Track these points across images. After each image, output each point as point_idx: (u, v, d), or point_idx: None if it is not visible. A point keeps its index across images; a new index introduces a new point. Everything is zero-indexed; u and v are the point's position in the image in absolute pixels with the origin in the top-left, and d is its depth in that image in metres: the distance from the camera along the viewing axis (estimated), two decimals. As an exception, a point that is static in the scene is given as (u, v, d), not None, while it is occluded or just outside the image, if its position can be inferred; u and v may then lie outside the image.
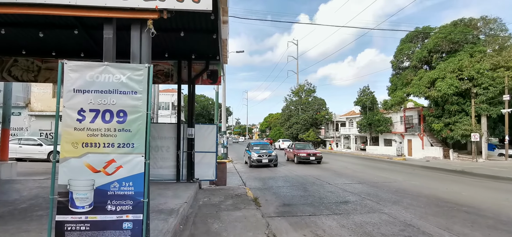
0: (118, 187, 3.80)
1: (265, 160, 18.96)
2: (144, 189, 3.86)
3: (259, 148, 20.68)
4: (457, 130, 27.46)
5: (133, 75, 3.92)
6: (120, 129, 3.84)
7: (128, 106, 3.88)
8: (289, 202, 8.96)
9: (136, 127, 3.89)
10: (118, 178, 3.80)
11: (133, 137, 3.87)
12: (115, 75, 3.88)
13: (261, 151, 19.82)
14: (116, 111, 3.85)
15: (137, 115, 3.90)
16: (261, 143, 23.61)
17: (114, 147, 3.82)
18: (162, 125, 11.16)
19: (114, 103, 3.86)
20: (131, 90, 3.91)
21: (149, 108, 3.96)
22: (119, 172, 3.81)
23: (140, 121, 3.90)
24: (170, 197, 7.79)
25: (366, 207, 8.12)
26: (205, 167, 10.55)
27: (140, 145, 3.89)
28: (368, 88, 43.26)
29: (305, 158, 21.18)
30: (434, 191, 10.73)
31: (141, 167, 3.87)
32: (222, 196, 9.08)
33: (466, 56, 27.78)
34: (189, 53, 9.61)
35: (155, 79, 10.61)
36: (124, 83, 3.90)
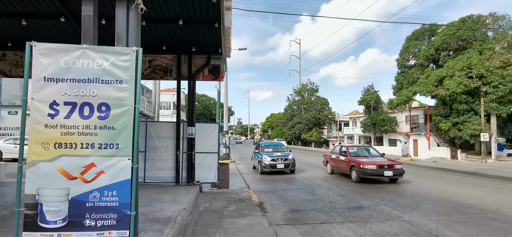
0: (99, 197, 3.10)
1: (280, 165, 14.99)
2: (131, 199, 3.15)
3: (272, 150, 16.52)
4: (465, 130, 26.66)
5: (118, 60, 3.22)
6: (101, 127, 3.15)
7: (111, 98, 3.18)
8: (297, 207, 8.24)
9: (122, 124, 3.19)
10: (99, 186, 3.10)
11: (118, 136, 3.17)
12: (96, 61, 3.19)
13: (275, 153, 15.82)
14: (97, 105, 3.16)
15: (123, 109, 3.20)
16: (274, 143, 18.90)
17: (94, 148, 3.12)
18: (160, 124, 10.47)
19: (94, 94, 3.16)
20: (116, 78, 3.21)
21: (138, 100, 3.26)
22: (101, 179, 3.11)
23: (126, 116, 3.20)
24: (168, 202, 7.09)
25: (382, 214, 7.39)
26: (206, 169, 9.85)
27: (127, 145, 3.19)
28: (372, 87, 42.46)
29: (375, 173, 11.75)
30: (452, 195, 9.98)
31: (128, 172, 3.17)
32: (224, 201, 8.37)
33: (475, 54, 26.97)
34: (189, 46, 8.91)
35: (153, 75, 9.92)
36: (107, 70, 3.20)
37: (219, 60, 9.87)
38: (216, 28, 6.85)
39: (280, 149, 16.93)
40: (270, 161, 14.99)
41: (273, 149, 16.66)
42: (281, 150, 16.63)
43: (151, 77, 9.92)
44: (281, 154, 15.67)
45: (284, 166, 15.07)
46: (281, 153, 15.85)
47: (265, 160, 15.14)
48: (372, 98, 41.19)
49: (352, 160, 12.95)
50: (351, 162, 12.91)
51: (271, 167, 14.87)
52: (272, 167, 14.87)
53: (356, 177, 12.23)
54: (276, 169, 14.87)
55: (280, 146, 17.51)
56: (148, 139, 9.78)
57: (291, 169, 15.34)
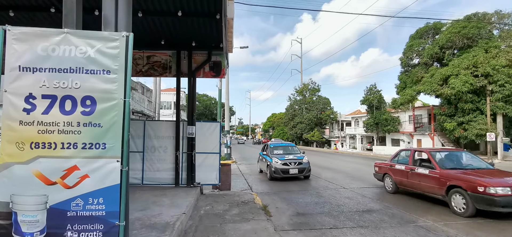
0: (82, 205, 2.68)
1: (293, 170, 12.80)
2: (120, 207, 2.72)
3: (282, 152, 14.36)
4: (471, 129, 26.17)
5: (105, 47, 2.80)
6: (86, 123, 2.72)
7: (97, 90, 2.76)
8: (303, 210, 7.80)
9: (109, 121, 2.76)
10: (82, 193, 2.68)
11: (105, 135, 2.75)
12: (80, 48, 2.76)
13: (287, 156, 13.58)
14: (80, 98, 2.74)
15: (111, 104, 2.77)
16: (284, 144, 16.33)
17: (77, 148, 2.69)
18: (159, 123, 10.05)
19: (77, 86, 2.74)
20: (102, 68, 2.79)
21: (128, 93, 2.83)
22: (85, 184, 2.69)
23: (114, 112, 2.77)
24: (166, 206, 6.66)
25: (395, 218, 6.95)
26: (207, 169, 9.42)
27: (115, 145, 2.76)
28: (375, 86, 41.99)
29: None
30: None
31: (116, 176, 2.74)
32: (226, 204, 7.94)
33: (481, 52, 26.47)
34: (189, 41, 8.48)
35: (152, 72, 9.50)
36: (92, 58, 2.77)
37: (220, 56, 9.45)
38: (217, 20, 6.43)
39: (292, 150, 14.80)
40: (281, 165, 12.80)
41: (284, 151, 14.49)
42: (293, 152, 14.49)
43: (150, 74, 9.49)
44: (294, 157, 13.47)
45: (298, 171, 12.91)
46: (294, 156, 13.62)
47: (276, 163, 12.93)
48: (375, 97, 40.72)
49: (452, 177, 7.60)
50: (452, 179, 7.54)
51: (282, 172, 12.69)
52: (284, 172, 12.70)
53: (465, 207, 7.03)
54: (289, 174, 12.75)
55: (291, 147, 15.29)
56: (147, 138, 9.37)
57: (306, 175, 13.24)
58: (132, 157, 9.25)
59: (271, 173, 12.98)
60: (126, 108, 2.79)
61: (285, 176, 12.73)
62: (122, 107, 2.78)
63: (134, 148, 9.29)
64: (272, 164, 13.03)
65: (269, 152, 14.14)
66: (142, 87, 42.45)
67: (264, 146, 15.73)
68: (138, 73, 9.49)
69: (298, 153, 14.36)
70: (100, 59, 2.76)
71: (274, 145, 15.27)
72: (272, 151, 14.26)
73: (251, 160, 24.44)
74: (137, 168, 9.25)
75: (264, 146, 15.85)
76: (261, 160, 15.45)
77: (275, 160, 13.06)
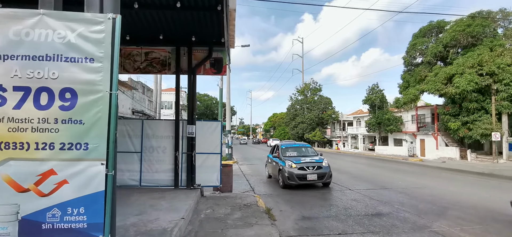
0: (60, 216, 2.28)
1: (312, 175, 10.72)
2: (105, 219, 2.33)
3: (297, 154, 12.23)
4: (476, 129, 25.69)
5: (88, 31, 2.40)
6: (65, 120, 2.33)
7: (79, 81, 2.37)
8: (308, 214, 7.40)
9: (93, 117, 2.36)
10: (60, 202, 2.29)
11: (88, 133, 2.35)
12: (58, 32, 2.37)
13: (303, 159, 11.41)
14: (58, 90, 2.34)
15: (94, 97, 2.38)
16: (298, 144, 13.81)
17: (54, 149, 2.30)
18: (158, 122, 9.66)
19: (55, 77, 2.34)
20: (85, 56, 2.39)
21: (115, 85, 2.43)
22: (63, 191, 2.29)
23: (99, 106, 2.38)
24: (164, 210, 6.26)
25: (407, 223, 6.54)
26: (207, 171, 9.01)
27: (99, 146, 2.36)
28: (377, 85, 41.52)
29: None
30: (478, 199, 9.12)
31: (100, 182, 2.34)
32: (228, 207, 7.53)
33: (486, 50, 26.00)
34: (189, 36, 8.08)
35: (150, 69, 9.11)
36: (73, 44, 2.38)
37: (222, 52, 9.06)
38: (218, 11, 6.03)
39: (308, 152, 12.70)
40: (297, 170, 10.75)
41: (299, 153, 12.40)
42: (309, 154, 12.35)
43: (148, 71, 9.10)
44: (311, 160, 11.31)
45: (317, 177, 10.78)
46: (311, 159, 11.47)
47: (290, 168, 10.86)
48: (377, 97, 40.26)
49: None
50: None
51: (299, 178, 10.60)
52: (301, 178, 10.62)
53: None
54: (307, 181, 10.70)
55: (306, 148, 13.12)
56: (145, 138, 8.97)
57: (326, 181, 11.08)
58: (130, 157, 8.87)
59: (284, 179, 10.87)
60: (113, 102, 2.40)
61: (301, 183, 10.69)
62: (108, 101, 2.38)
63: (132, 148, 8.91)
64: (285, 169, 10.95)
65: (281, 154, 11.99)
66: (143, 86, 42.09)
67: (274, 148, 13.60)
68: (136, 70, 9.11)
69: (315, 155, 12.24)
70: (82, 45, 2.37)
71: (287, 146, 13.06)
72: (284, 153, 12.13)
73: (253, 160, 24.08)
74: (135, 169, 8.87)
75: (273, 148, 13.75)
76: (270, 163, 13.38)
77: (289, 164, 11.00)
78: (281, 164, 11.37)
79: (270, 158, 13.38)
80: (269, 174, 13.66)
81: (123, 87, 29.34)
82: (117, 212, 5.98)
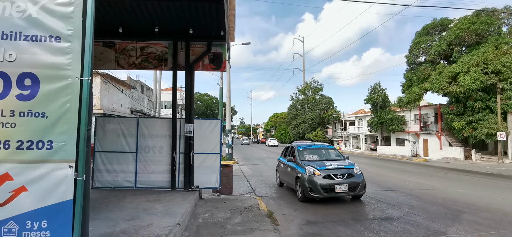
0: (17, 231, 1.84)
1: (342, 186, 8.15)
2: (73, 234, 1.88)
3: (318, 157, 9.72)
4: (481, 128, 25.21)
5: (53, 3, 1.97)
6: (23, 112, 1.89)
7: (42, 65, 1.93)
8: (313, 218, 6.95)
9: (59, 109, 1.92)
10: (17, 213, 1.85)
11: (52, 129, 1.91)
12: (16, 4, 1.94)
13: (328, 163, 8.84)
14: (16, 76, 1.91)
15: (61, 84, 1.94)
16: (318, 145, 10.80)
17: (9, 148, 1.87)
18: (154, 121, 9.22)
19: (12, 59, 1.92)
20: (49, 33, 1.95)
21: (88, 70, 1.99)
22: (20, 200, 1.85)
23: (66, 96, 1.94)
24: (159, 214, 5.82)
25: (420, 228, 6.08)
26: (206, 171, 8.56)
27: (67, 144, 1.92)
28: (379, 85, 41.05)
29: None
30: (491, 201, 8.66)
31: (68, 189, 1.90)
32: (228, 210, 7.08)
33: (491, 48, 25.51)
34: (186, 29, 7.62)
35: (146, 64, 8.67)
36: (35, 19, 1.94)
37: (221, 47, 8.61)
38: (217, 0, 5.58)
39: (331, 155, 10.05)
40: (322, 179, 8.12)
41: (320, 156, 9.80)
42: (334, 157, 9.83)
43: (143, 66, 8.65)
44: (338, 166, 8.67)
45: (349, 189, 8.12)
46: (338, 164, 8.82)
47: (312, 175, 8.23)
48: (379, 96, 39.78)
49: None
50: None
51: (324, 190, 7.99)
52: (327, 190, 8.02)
53: None
54: (335, 193, 8.08)
55: (328, 150, 10.40)
56: (140, 137, 8.53)
57: (359, 194, 8.44)
58: (124, 158, 8.44)
59: (305, 190, 8.26)
60: (85, 91, 1.95)
61: (328, 196, 8.12)
62: (78, 90, 1.94)
63: (127, 148, 8.48)
64: (305, 177, 8.35)
65: (299, 158, 9.46)
66: (142, 85, 41.68)
67: (287, 150, 10.96)
68: (131, 66, 8.67)
69: (341, 158, 9.74)
70: (46, 21, 1.93)
71: (305, 147, 10.26)
72: (302, 156, 9.57)
73: (253, 161, 23.65)
74: (130, 170, 8.43)
75: (287, 149, 11.08)
76: (282, 168, 10.81)
77: (311, 170, 8.36)
78: (299, 171, 8.78)
79: (283, 162, 10.68)
80: (281, 181, 11.17)
81: (122, 86, 28.92)
82: (107, 216, 5.56)
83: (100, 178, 8.41)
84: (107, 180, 8.41)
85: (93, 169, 8.40)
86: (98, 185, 8.36)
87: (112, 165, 8.44)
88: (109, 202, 6.66)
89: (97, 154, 8.45)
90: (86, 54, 1.96)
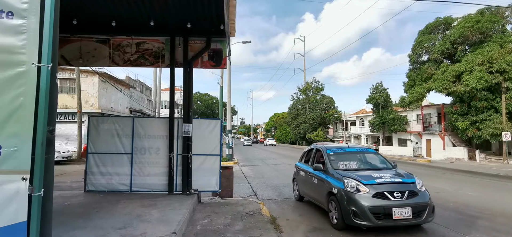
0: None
1: (402, 210, 5.44)
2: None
3: (356, 164, 7.11)
4: (485, 129, 24.77)
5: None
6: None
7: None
8: (319, 224, 6.52)
9: (10, 104, 1.49)
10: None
11: (0, 130, 1.46)
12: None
13: (378, 176, 6.08)
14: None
15: (12, 73, 1.51)
16: (354, 149, 7.87)
17: None
18: (150, 121, 8.81)
19: None
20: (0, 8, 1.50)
21: (48, 55, 1.55)
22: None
23: (19, 87, 1.51)
24: (154, 221, 5.38)
25: (434, 234, 5.65)
26: (206, 174, 8.12)
27: (19, 150, 1.49)
28: (381, 84, 40.57)
29: None
30: (505, 206, 8.22)
31: (20, 208, 1.46)
32: (228, 216, 6.65)
33: (496, 47, 25.06)
34: (184, 23, 7.20)
35: (142, 61, 8.24)
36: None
37: (221, 43, 8.18)
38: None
39: (375, 162, 7.38)
40: (372, 198, 5.61)
41: (359, 163, 7.21)
42: (381, 166, 7.15)
43: (139, 63, 8.22)
44: (392, 178, 6.05)
45: (412, 213, 5.49)
46: (392, 176, 6.16)
47: (356, 192, 5.75)
48: (381, 96, 39.33)
49: None
50: None
51: (376, 215, 5.47)
52: (380, 215, 5.49)
53: None
54: (393, 220, 5.43)
55: (369, 155, 7.76)
56: (136, 138, 8.10)
57: (427, 220, 5.71)
58: (119, 160, 8.00)
59: (345, 215, 5.73)
60: (44, 81, 1.52)
61: (382, 225, 5.51)
62: (35, 79, 1.51)
63: (121, 149, 8.05)
64: (345, 194, 5.82)
65: (330, 165, 6.81)
66: (142, 85, 41.26)
67: (310, 153, 8.33)
68: (126, 62, 8.24)
69: (390, 168, 6.97)
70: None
71: (337, 151, 7.45)
72: (334, 163, 6.92)
73: (254, 161, 23.21)
74: (125, 172, 8.00)
75: (309, 153, 8.48)
76: (304, 178, 8.10)
77: (353, 184, 5.85)
78: (335, 185, 6.17)
79: (305, 170, 8.09)
80: (300, 195, 8.51)
81: (120, 85, 28.49)
82: (96, 225, 5.10)
83: (93, 181, 7.97)
84: (101, 183, 7.98)
85: (86, 172, 7.99)
86: (91, 189, 7.93)
87: (106, 167, 8.00)
88: (101, 208, 6.22)
89: (90, 155, 8.02)
90: (46, 34, 1.54)
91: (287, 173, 15.44)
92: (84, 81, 22.69)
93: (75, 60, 8.10)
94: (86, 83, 22.94)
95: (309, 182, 7.72)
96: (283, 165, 19.74)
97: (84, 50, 8.02)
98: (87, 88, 23.09)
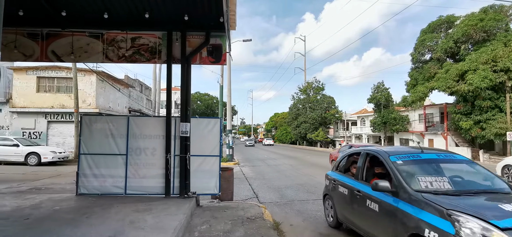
0: None
1: None
2: None
3: (448, 183, 3.96)
4: (489, 128, 24.39)
5: None
6: None
7: None
8: (326, 229, 6.11)
9: None
10: None
11: None
12: None
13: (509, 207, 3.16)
14: None
15: None
16: (434, 155, 4.58)
17: None
18: (146, 120, 8.39)
19: None
20: None
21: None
22: None
23: None
24: (148, 228, 4.96)
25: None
26: (204, 176, 7.70)
27: None
28: (382, 84, 40.20)
29: None
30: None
31: None
32: (228, 221, 6.22)
33: (501, 45, 24.66)
34: (181, 16, 6.78)
35: (137, 57, 7.81)
36: None
37: (221, 38, 7.75)
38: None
39: (481, 180, 4.36)
40: None
41: (461, 184, 4.18)
42: (490, 186, 4.21)
43: (135, 59, 7.79)
44: None
45: None
46: None
47: None
48: (383, 95, 38.94)
49: None
50: None
51: None
52: None
53: None
54: None
55: (466, 166, 4.56)
56: (131, 138, 7.68)
57: None
58: (113, 161, 7.58)
59: None
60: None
61: None
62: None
63: (116, 150, 7.62)
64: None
65: (407, 186, 3.91)
66: (141, 84, 40.82)
67: (357, 159, 5.59)
68: (121, 58, 7.81)
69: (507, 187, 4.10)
70: None
71: (412, 158, 4.50)
72: (413, 180, 4.04)
73: (255, 162, 22.80)
74: (119, 174, 7.56)
75: (356, 159, 5.71)
76: (349, 198, 5.29)
77: (480, 233, 2.94)
78: (430, 223, 3.33)
79: (349, 185, 5.36)
80: (339, 220, 5.80)
81: (119, 85, 28.06)
82: (84, 233, 4.61)
83: (86, 183, 7.54)
84: (94, 186, 7.55)
85: (78, 174, 7.56)
86: (83, 192, 7.50)
87: (99, 169, 7.57)
88: (92, 213, 5.80)
89: (82, 156, 7.60)
90: None
91: (288, 174, 15.05)
92: (82, 80, 22.27)
93: (66, 56, 7.66)
94: (83, 82, 22.52)
95: (360, 206, 4.85)
96: (284, 166, 19.34)
97: (76, 45, 7.59)
98: (85, 87, 22.67)
